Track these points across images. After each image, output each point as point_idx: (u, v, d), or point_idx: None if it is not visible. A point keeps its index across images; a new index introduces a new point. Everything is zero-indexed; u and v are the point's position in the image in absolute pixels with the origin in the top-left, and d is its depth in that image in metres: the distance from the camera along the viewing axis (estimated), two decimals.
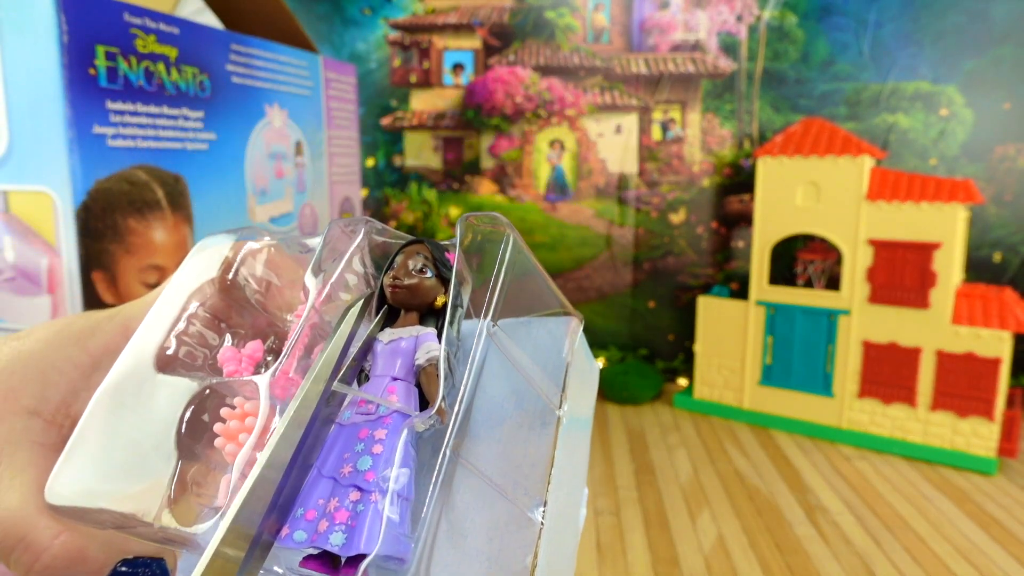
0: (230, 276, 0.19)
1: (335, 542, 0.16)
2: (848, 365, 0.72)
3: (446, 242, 0.20)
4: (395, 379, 0.19)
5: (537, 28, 0.88)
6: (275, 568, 0.16)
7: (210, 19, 0.68)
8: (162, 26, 0.47)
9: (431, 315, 0.20)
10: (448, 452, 0.17)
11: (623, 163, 0.89)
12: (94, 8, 0.42)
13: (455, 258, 0.20)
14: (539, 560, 0.17)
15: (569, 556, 0.22)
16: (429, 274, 0.20)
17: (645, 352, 0.92)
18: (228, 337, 0.19)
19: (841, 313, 0.72)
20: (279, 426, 0.16)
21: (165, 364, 0.18)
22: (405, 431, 0.17)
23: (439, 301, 0.20)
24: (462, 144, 0.91)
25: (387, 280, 0.19)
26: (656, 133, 0.88)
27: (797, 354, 0.75)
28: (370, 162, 0.92)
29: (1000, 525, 0.56)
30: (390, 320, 0.20)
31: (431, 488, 0.17)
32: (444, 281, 0.20)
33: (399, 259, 0.20)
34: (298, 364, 0.18)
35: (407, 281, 0.19)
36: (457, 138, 0.91)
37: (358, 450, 0.17)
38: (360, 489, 0.16)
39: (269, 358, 0.19)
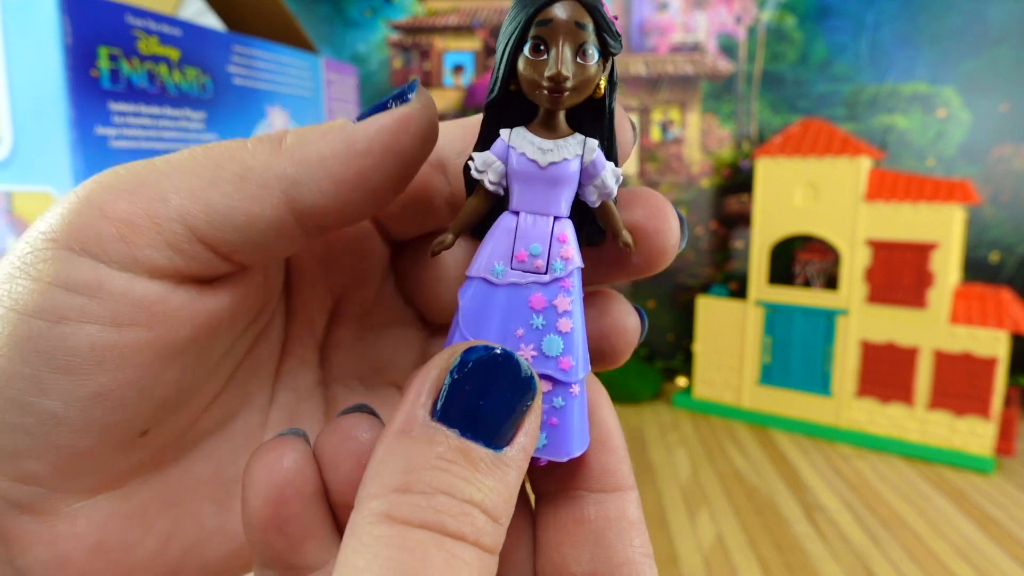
0: None
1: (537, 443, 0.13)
2: (846, 365, 0.72)
3: None
4: (557, 218, 0.14)
5: None
6: None
7: (212, 20, 0.68)
8: (164, 28, 0.47)
9: (574, 109, 0.14)
10: None
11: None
12: (97, 10, 0.42)
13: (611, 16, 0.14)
14: None
15: None
16: (594, 55, 0.13)
17: (644, 352, 0.92)
18: None
19: (839, 313, 0.72)
20: None
21: None
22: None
23: (599, 91, 0.14)
24: None
25: (537, 75, 0.13)
26: (655, 134, 0.88)
27: (796, 354, 0.75)
28: None
29: (996, 523, 0.56)
30: (513, 115, 0.14)
31: None
32: (605, 57, 0.14)
33: (550, 34, 0.13)
34: None
35: (574, 81, 0.13)
36: None
37: (536, 325, 0.14)
38: (553, 380, 0.14)
39: None
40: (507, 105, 0.14)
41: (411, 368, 0.19)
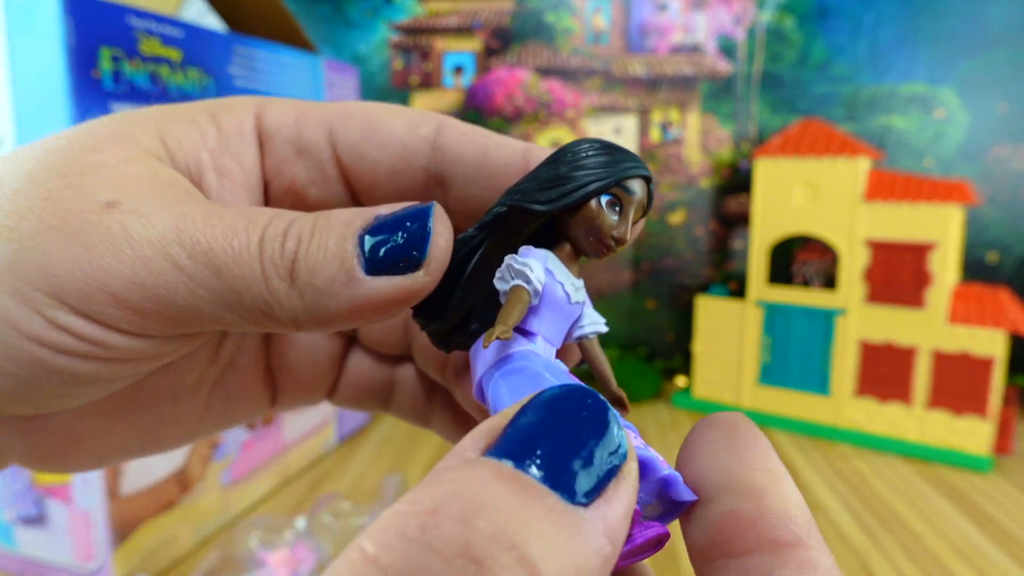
0: None
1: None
2: (845, 364, 0.72)
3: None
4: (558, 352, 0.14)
5: (537, 30, 0.88)
6: None
7: (213, 21, 0.68)
8: (166, 29, 0.47)
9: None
10: None
11: None
12: (99, 11, 0.42)
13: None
14: None
15: None
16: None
17: (644, 351, 0.92)
18: None
19: (838, 313, 0.72)
20: None
21: None
22: None
23: None
24: None
25: (605, 227, 0.14)
26: (655, 134, 0.88)
27: (795, 353, 0.76)
28: None
29: (994, 522, 0.56)
30: (520, 227, 0.15)
31: None
32: None
33: (628, 202, 0.14)
34: None
35: (620, 249, 0.14)
36: None
37: None
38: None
39: None
40: (523, 218, 0.14)
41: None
